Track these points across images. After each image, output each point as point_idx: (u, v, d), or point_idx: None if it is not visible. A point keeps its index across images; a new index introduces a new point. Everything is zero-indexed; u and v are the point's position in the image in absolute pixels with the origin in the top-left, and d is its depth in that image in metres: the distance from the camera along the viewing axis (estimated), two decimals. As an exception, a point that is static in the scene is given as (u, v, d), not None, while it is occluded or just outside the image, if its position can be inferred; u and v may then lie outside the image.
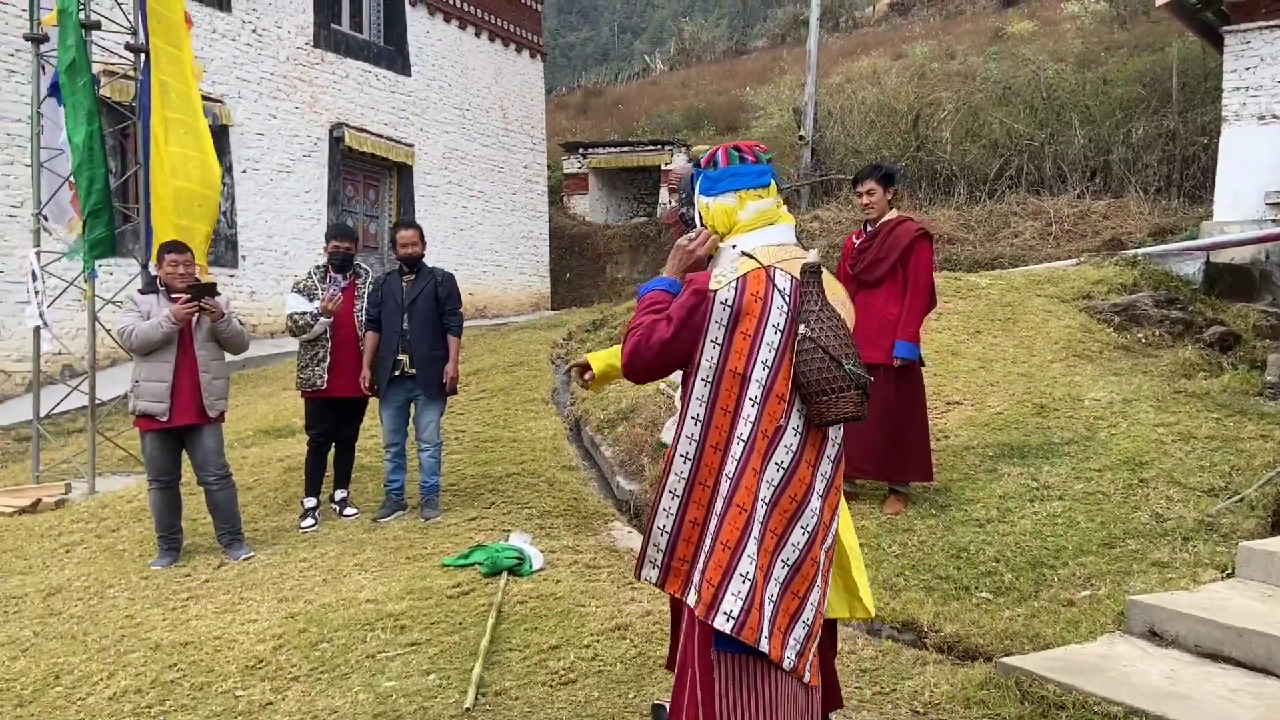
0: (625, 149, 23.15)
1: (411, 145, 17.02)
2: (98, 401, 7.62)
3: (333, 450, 6.41)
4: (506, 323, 16.13)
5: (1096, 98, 15.31)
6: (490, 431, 8.10)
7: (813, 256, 2.61)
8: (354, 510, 6.38)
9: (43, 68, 7.46)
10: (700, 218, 2.82)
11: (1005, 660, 3.58)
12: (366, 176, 16.64)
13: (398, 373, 6.12)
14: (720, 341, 2.54)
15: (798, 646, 2.52)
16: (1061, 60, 17.70)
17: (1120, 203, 13.59)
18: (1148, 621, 3.77)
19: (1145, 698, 3.21)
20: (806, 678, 2.57)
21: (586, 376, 3.50)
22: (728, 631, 2.43)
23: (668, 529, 2.62)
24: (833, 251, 14.83)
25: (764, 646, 2.44)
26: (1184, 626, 3.64)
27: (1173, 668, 3.47)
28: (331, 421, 6.28)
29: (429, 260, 6.58)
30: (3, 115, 11.09)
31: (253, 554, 5.69)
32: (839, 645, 3.64)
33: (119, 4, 8.05)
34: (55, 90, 7.31)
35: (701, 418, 2.57)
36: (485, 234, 18.88)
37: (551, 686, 3.78)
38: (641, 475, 6.97)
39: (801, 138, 16.52)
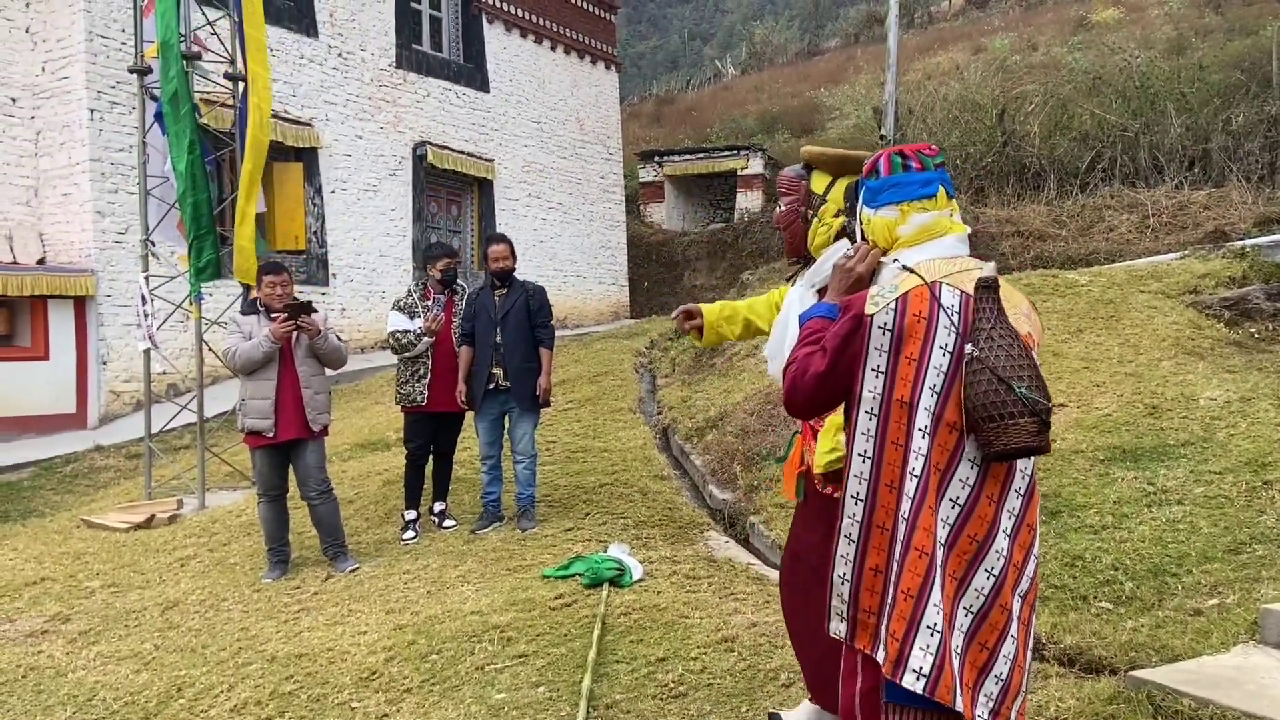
0: (700, 155, 23.10)
1: (491, 160, 17.26)
2: (204, 419, 7.87)
3: (430, 463, 6.51)
4: (588, 332, 16.24)
5: (1193, 85, 14.76)
6: (580, 442, 8.14)
7: (989, 270, 2.33)
8: (453, 522, 6.46)
9: (152, 96, 7.74)
10: (862, 231, 2.61)
11: (1135, 673, 3.43)
12: (449, 192, 16.92)
13: (492, 386, 6.18)
14: (883, 369, 2.32)
15: (991, 704, 2.29)
16: (1150, 47, 17.15)
17: (1221, 192, 13.06)
18: (1285, 631, 3.59)
19: (1290, 712, 3.05)
20: None
21: (689, 325, 3.47)
22: (919, 691, 2.22)
23: (848, 578, 2.39)
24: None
25: (960, 706, 2.24)
26: (1326, 637, 3.46)
27: (1316, 681, 3.29)
28: (430, 435, 6.38)
29: (515, 272, 6.67)
30: (107, 145, 11.56)
31: (358, 566, 5.80)
32: None
33: (215, 34, 8.32)
34: (159, 120, 7.59)
35: (870, 454, 2.35)
36: (564, 245, 19.04)
37: (662, 700, 3.76)
38: (734, 484, 6.92)
39: (883, 137, 16.28)
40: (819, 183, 3.28)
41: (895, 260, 2.47)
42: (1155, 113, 14.68)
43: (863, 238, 2.62)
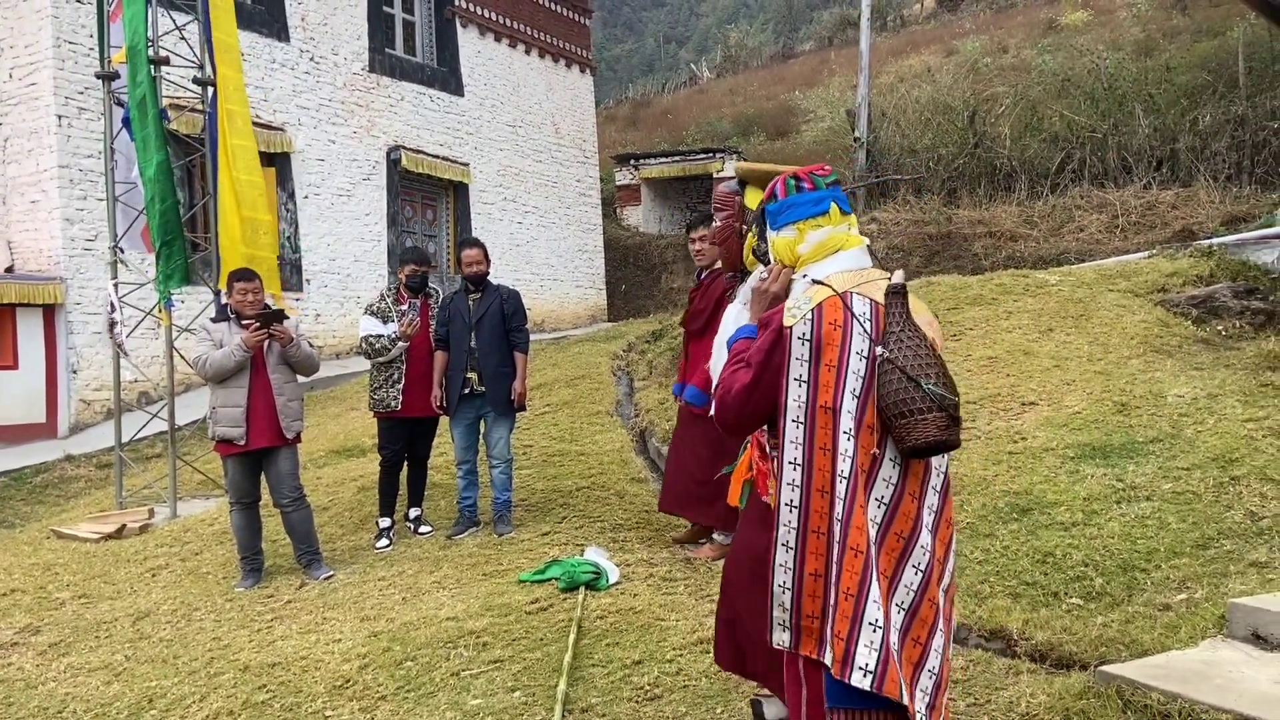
0: (676, 158, 23.15)
1: (467, 164, 17.22)
2: (175, 427, 7.79)
3: (405, 469, 6.48)
4: (565, 336, 16.21)
5: (1160, 86, 14.96)
6: (557, 446, 8.12)
7: (898, 277, 2.48)
8: (428, 528, 6.43)
9: (119, 102, 7.67)
10: (772, 256, 2.75)
11: (1104, 668, 3.47)
12: (424, 197, 16.86)
13: (467, 390, 6.17)
14: (805, 378, 2.41)
15: (927, 699, 2.35)
16: (1119, 49, 17.34)
17: (1189, 192, 13.25)
18: (1251, 625, 3.64)
19: (1255, 704, 3.09)
20: None
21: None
22: (867, 687, 2.26)
23: (788, 585, 2.43)
24: (891, 253, 14.68)
25: (906, 699, 2.29)
26: (1291, 630, 3.51)
27: (1282, 673, 3.34)
28: (404, 441, 6.35)
29: (489, 276, 6.65)
30: (75, 152, 11.44)
31: (333, 574, 5.76)
32: None
33: (184, 39, 8.26)
34: (127, 125, 7.52)
35: (800, 461, 2.42)
36: (541, 249, 19.01)
37: (637, 702, 3.76)
38: (711, 486, 6.93)
39: (856, 139, 16.39)
40: (753, 198, 3.37)
41: (805, 276, 2.59)
42: (1123, 114, 14.86)
43: (774, 260, 2.74)
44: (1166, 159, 14.18)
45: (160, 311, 7.57)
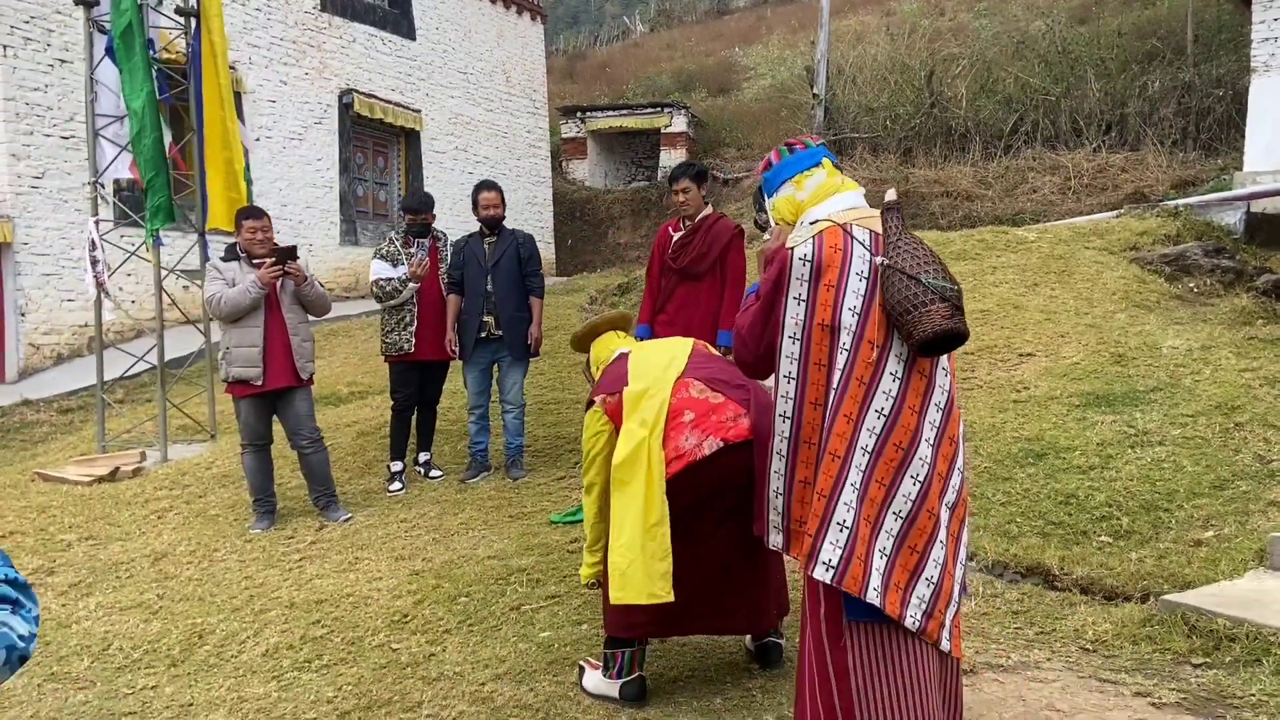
0: (624, 112, 22.92)
1: (419, 111, 16.82)
2: (164, 363, 7.55)
3: (415, 413, 6.41)
4: (521, 288, 16.05)
5: (1112, 51, 15.35)
6: (550, 394, 8.11)
7: (890, 195, 2.64)
8: (439, 472, 6.40)
9: (100, 29, 7.28)
10: (773, 221, 2.89)
11: (1168, 597, 3.66)
12: (375, 143, 16.45)
13: (483, 334, 6.12)
14: (804, 297, 2.54)
15: (923, 605, 2.45)
16: (1047, 15, 17.60)
17: (1138, 156, 13.69)
18: (1291, 557, 3.87)
19: (1315, 627, 3.31)
20: (944, 645, 2.49)
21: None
22: (828, 581, 2.41)
23: (781, 490, 2.61)
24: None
25: (872, 598, 2.39)
26: (1329, 560, 3.75)
27: (1328, 599, 3.57)
28: (416, 384, 6.28)
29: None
30: (21, 84, 10.85)
31: (351, 516, 5.70)
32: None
33: (163, -34, 7.89)
34: (110, 55, 7.16)
35: (795, 375, 2.56)
36: (492, 199, 18.70)
37: (712, 633, 3.83)
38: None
39: (815, 96, 16.49)
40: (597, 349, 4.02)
41: (803, 221, 2.72)
42: (1075, 78, 15.22)
43: (775, 225, 2.87)
44: (1116, 123, 14.60)
45: (148, 249, 7.30)
